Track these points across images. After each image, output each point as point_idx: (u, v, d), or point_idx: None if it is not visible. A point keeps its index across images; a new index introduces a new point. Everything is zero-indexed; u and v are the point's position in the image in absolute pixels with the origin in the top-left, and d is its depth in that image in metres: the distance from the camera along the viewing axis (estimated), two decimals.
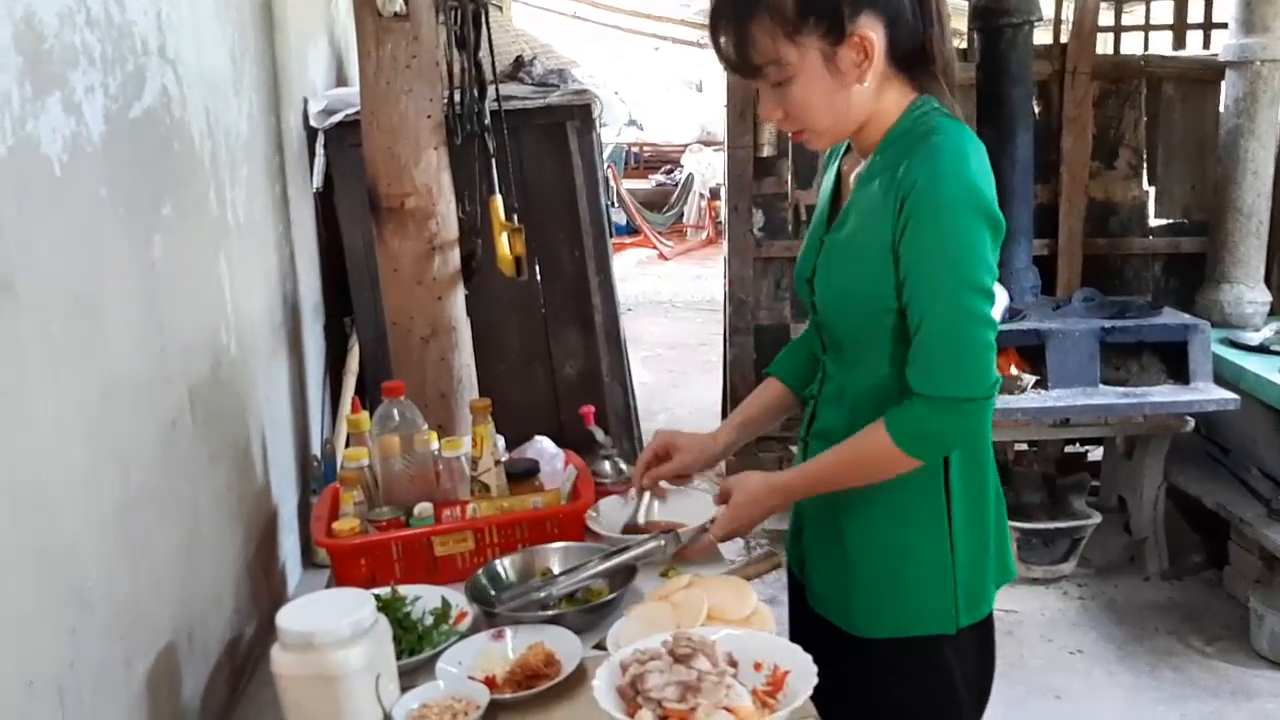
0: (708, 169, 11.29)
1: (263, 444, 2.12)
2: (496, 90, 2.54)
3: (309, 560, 2.38)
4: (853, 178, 1.54)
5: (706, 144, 12.47)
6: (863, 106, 1.43)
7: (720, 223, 7.00)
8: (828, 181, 1.64)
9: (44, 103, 1.21)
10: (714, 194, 10.83)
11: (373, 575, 1.75)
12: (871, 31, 1.38)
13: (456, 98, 2.48)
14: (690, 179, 11.75)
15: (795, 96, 1.41)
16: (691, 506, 1.71)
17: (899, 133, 1.44)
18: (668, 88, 14.43)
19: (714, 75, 11.73)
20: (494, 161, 2.54)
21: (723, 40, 1.42)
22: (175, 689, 1.53)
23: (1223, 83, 4.08)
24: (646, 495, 1.76)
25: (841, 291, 1.49)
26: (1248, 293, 4.01)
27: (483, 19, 2.44)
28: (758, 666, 1.34)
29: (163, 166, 1.63)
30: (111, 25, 1.44)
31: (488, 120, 2.53)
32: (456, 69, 2.46)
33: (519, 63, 3.22)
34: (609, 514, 1.74)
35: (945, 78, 1.48)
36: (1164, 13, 4.65)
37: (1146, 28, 4.68)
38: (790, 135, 1.50)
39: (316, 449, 2.69)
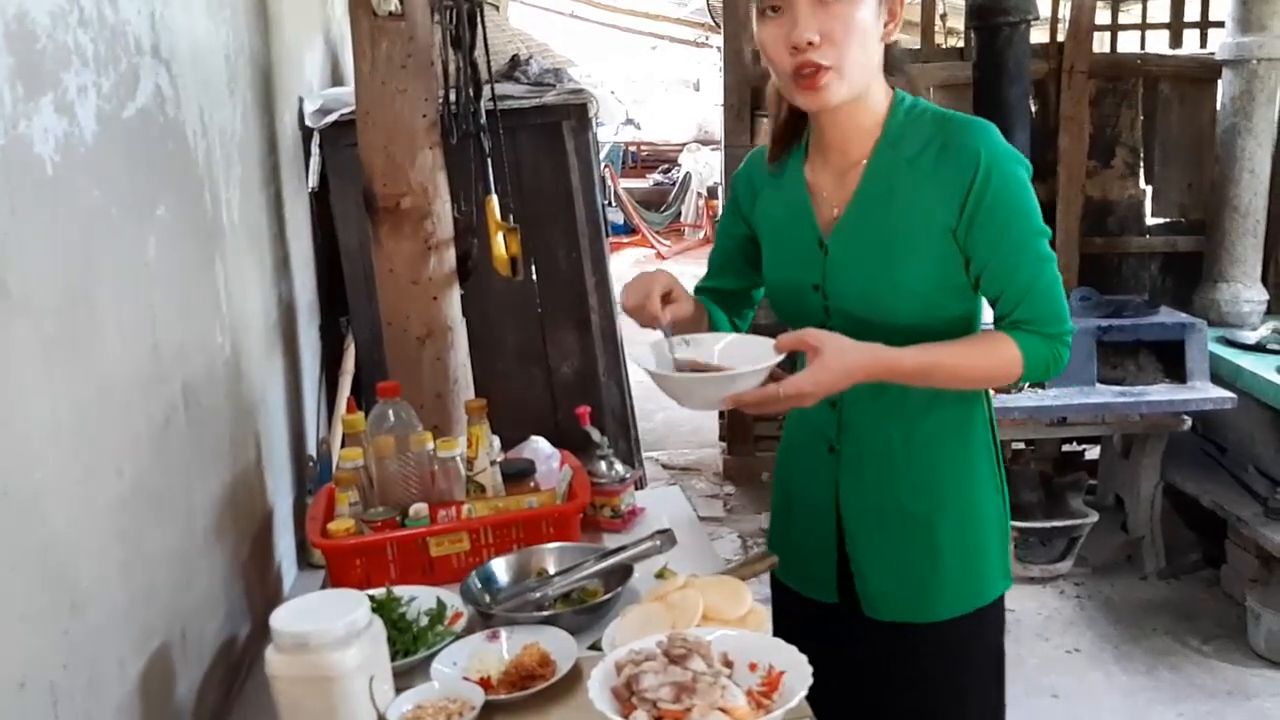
0: (705, 168, 11.31)
1: (257, 444, 2.12)
2: (492, 90, 2.54)
3: (304, 560, 2.38)
4: (833, 183, 1.57)
5: (704, 143, 12.49)
6: (871, 73, 1.48)
7: (717, 222, 7.01)
8: (789, 193, 1.63)
9: (36, 104, 1.21)
10: (711, 193, 10.86)
11: (368, 576, 1.75)
12: None
13: (452, 97, 2.48)
14: (688, 178, 11.77)
15: (847, 15, 1.40)
16: (748, 351, 1.49)
17: (901, 123, 1.51)
18: (665, 87, 14.45)
19: (711, 74, 11.73)
20: (490, 161, 2.54)
21: None
22: (169, 689, 1.53)
23: (1219, 81, 4.09)
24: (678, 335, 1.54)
25: (889, 284, 1.50)
26: (1244, 291, 4.01)
27: (478, 18, 2.44)
28: (753, 667, 1.34)
29: (156, 167, 1.62)
30: (105, 25, 1.43)
31: (483, 120, 2.53)
32: (452, 68, 2.46)
33: (515, 62, 3.22)
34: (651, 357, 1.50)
35: (906, 73, 1.58)
36: (1161, 11, 4.65)
37: (1143, 26, 4.68)
38: (807, 76, 1.44)
39: (312, 449, 2.68)
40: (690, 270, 9.49)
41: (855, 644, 1.66)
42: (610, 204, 10.62)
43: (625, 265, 9.92)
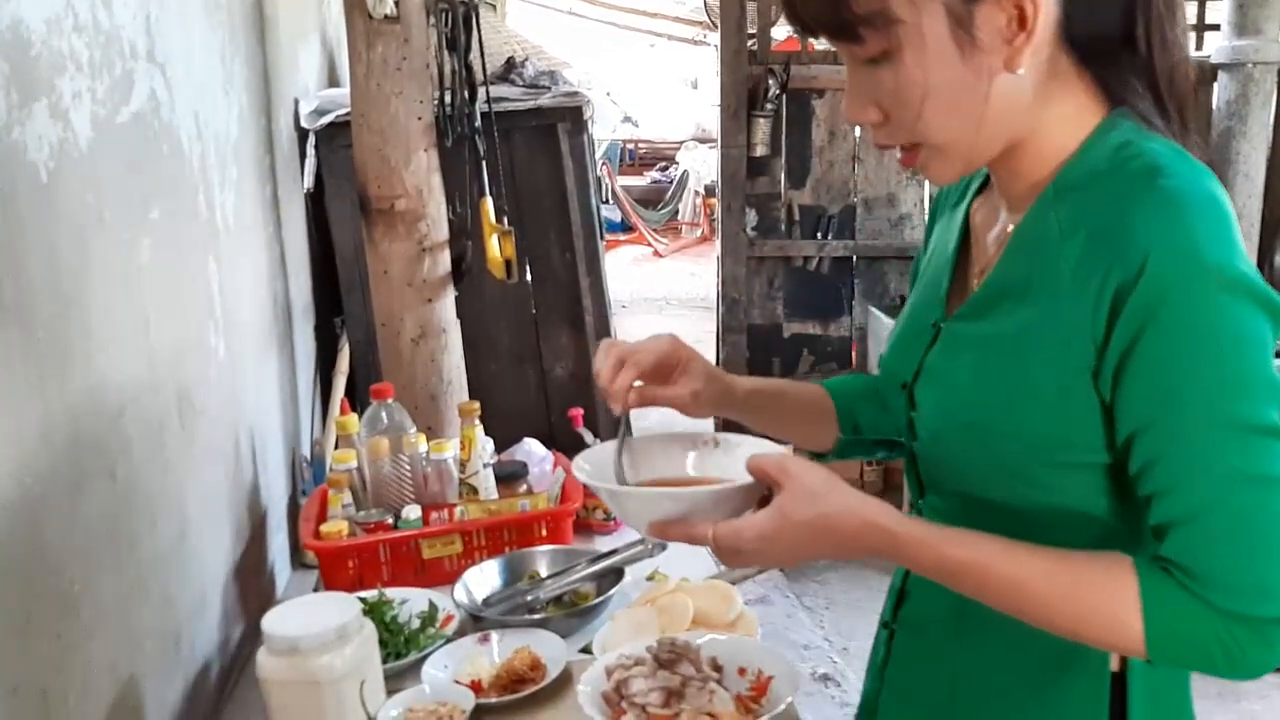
0: (703, 166, 11.31)
1: (251, 445, 2.13)
2: (487, 92, 2.54)
3: (298, 561, 2.39)
4: (992, 237, 1.02)
5: (702, 141, 12.49)
6: (1012, 114, 0.91)
7: (715, 220, 7.05)
8: (946, 233, 1.10)
9: (30, 110, 1.22)
10: (709, 191, 10.84)
11: (360, 577, 1.76)
12: None
13: (447, 99, 2.49)
14: (685, 176, 11.77)
15: (901, 81, 0.88)
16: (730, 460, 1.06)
17: (1088, 169, 0.91)
18: (664, 85, 14.44)
19: (709, 73, 11.74)
20: (484, 163, 2.55)
21: None
22: (162, 691, 1.54)
23: (1215, 84, 4.10)
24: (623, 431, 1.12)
25: (983, 426, 0.94)
26: None
27: (474, 21, 2.45)
28: (742, 671, 1.36)
29: (151, 170, 1.63)
30: (99, 30, 1.44)
31: (478, 122, 2.53)
32: (447, 71, 2.47)
33: (510, 64, 3.23)
34: (618, 460, 1.11)
35: (1163, 90, 0.92)
36: None
37: None
38: (900, 158, 0.96)
39: (306, 450, 2.69)
40: (687, 268, 9.55)
41: None
42: (607, 201, 10.63)
43: (622, 263, 9.92)
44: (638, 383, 1.12)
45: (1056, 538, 0.89)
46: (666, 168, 12.77)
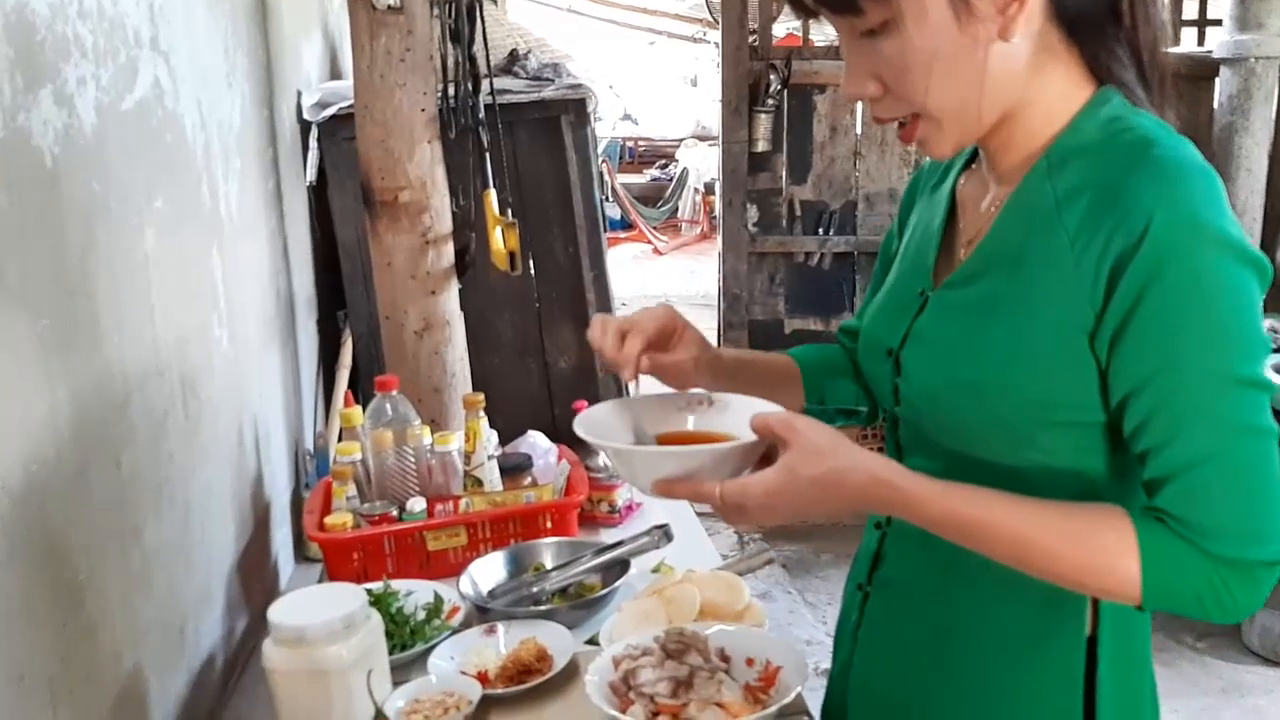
0: (702, 164, 11.30)
1: (255, 437, 2.12)
2: (491, 84, 2.54)
3: (301, 554, 2.38)
4: (981, 209, 1.04)
5: (701, 139, 12.48)
6: (1007, 83, 0.93)
7: (714, 218, 7.04)
8: (929, 211, 1.14)
9: (36, 95, 1.21)
10: (709, 189, 10.84)
11: (365, 570, 1.75)
12: None
13: (450, 91, 2.48)
14: (685, 174, 11.76)
15: (899, 53, 0.91)
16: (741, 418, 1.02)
17: (1080, 141, 0.94)
18: (663, 82, 14.44)
19: (709, 70, 11.74)
20: (488, 156, 2.54)
21: None
22: (166, 683, 1.54)
23: (1217, 79, 4.09)
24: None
25: (980, 385, 0.95)
26: None
27: (477, 13, 2.44)
28: (750, 662, 1.35)
29: (155, 159, 1.62)
30: (104, 17, 1.43)
31: (482, 114, 2.53)
32: (450, 63, 2.46)
33: (513, 56, 3.22)
34: (618, 420, 1.10)
35: (1145, 63, 0.97)
36: None
37: None
38: (900, 133, 0.98)
39: (309, 443, 2.69)
40: (687, 266, 9.54)
41: None
42: (607, 199, 10.62)
43: (622, 261, 9.91)
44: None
45: (1047, 494, 0.92)
46: (666, 165, 12.76)
